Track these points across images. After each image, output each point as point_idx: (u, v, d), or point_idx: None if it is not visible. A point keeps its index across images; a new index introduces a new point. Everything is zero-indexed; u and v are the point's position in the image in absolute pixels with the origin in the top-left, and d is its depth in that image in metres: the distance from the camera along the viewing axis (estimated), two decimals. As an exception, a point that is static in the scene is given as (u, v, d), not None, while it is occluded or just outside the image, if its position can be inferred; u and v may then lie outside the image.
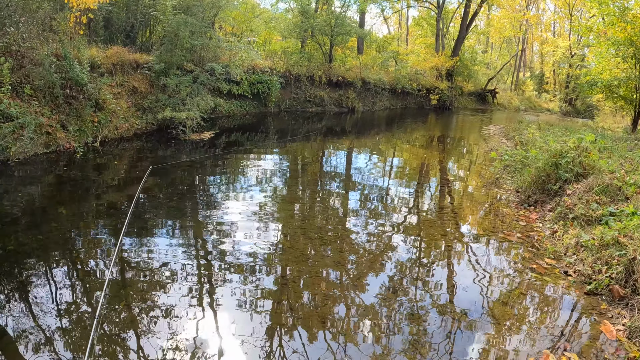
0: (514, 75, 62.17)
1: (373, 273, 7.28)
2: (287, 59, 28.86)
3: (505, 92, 51.94)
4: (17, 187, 10.30)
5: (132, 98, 17.20)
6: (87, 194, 10.32)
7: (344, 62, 33.25)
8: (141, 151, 14.69)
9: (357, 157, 17.11)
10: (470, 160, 17.87)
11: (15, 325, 5.30)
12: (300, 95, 28.41)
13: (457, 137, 24.24)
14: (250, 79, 23.70)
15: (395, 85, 35.42)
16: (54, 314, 5.58)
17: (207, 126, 18.62)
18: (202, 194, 11.14)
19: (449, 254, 8.27)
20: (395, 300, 6.44)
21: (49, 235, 7.83)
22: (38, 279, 6.41)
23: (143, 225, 8.61)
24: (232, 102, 23.30)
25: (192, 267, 7.07)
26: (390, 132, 24.02)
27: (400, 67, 38.84)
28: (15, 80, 12.87)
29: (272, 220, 9.45)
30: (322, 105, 29.44)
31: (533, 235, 9.06)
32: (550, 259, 7.97)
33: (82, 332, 5.25)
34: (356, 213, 10.38)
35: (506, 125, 26.91)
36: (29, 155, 12.18)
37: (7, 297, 5.90)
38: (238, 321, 5.74)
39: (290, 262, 7.46)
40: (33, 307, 5.70)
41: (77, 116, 13.98)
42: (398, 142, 21.39)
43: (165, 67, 18.41)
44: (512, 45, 68.62)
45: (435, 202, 11.73)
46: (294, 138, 19.54)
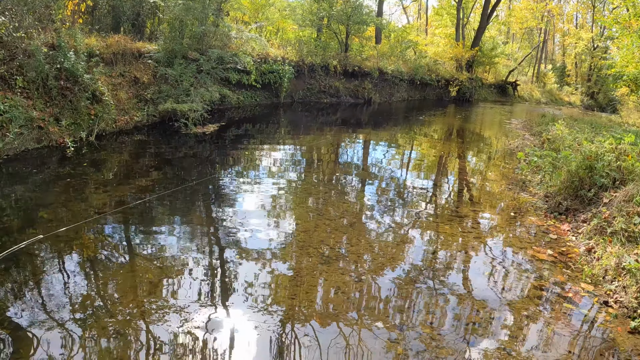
0: (535, 67, 60.91)
1: (385, 278, 6.73)
2: (301, 48, 27.76)
3: (526, 85, 50.79)
4: (5, 185, 9.60)
5: (133, 89, 16.26)
6: (78, 192, 9.51)
7: (361, 51, 32.11)
8: (141, 145, 13.84)
9: (373, 152, 16.22)
10: (491, 157, 16.69)
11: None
12: (315, 85, 27.31)
13: (477, 130, 23.03)
14: (262, 69, 22.62)
15: (414, 76, 34.28)
16: (51, 308, 5.45)
17: (215, 118, 17.82)
18: (210, 189, 10.43)
19: (468, 274, 7.09)
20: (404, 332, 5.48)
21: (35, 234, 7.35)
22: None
23: (151, 220, 8.38)
24: (241, 92, 22.24)
25: (204, 258, 7.02)
26: (408, 124, 22.89)
27: (419, 57, 37.89)
28: (7, 72, 12.06)
29: (286, 212, 9.30)
30: (337, 96, 28.33)
31: (565, 251, 7.83)
32: (587, 283, 6.73)
33: (84, 331, 5.12)
34: (372, 209, 9.77)
35: (528, 119, 25.89)
36: (19, 151, 11.41)
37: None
38: (251, 309, 5.69)
39: (304, 252, 7.36)
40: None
41: (72, 109, 13.09)
42: (416, 135, 20.33)
43: (168, 56, 17.57)
44: (534, 37, 67.38)
45: (455, 204, 10.66)
46: (307, 131, 18.72)
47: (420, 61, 36.73)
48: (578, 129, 17.40)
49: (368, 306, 6.02)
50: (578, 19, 64.72)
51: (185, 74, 17.16)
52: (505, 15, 59.96)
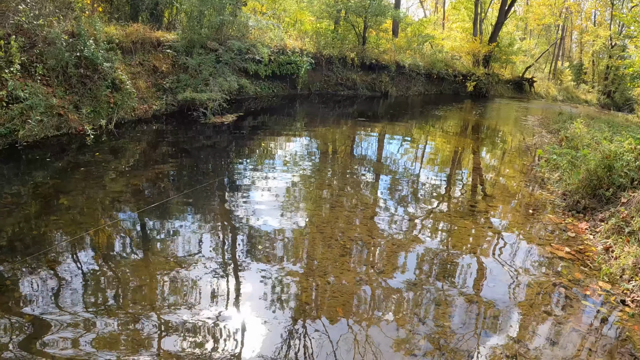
0: (552, 64, 60.34)
1: (398, 271, 6.68)
2: (318, 40, 27.60)
3: (543, 81, 50.31)
4: (25, 171, 9.67)
5: (152, 78, 16.24)
6: (95, 180, 9.52)
7: (378, 44, 31.94)
8: (159, 134, 13.84)
9: (388, 145, 16.04)
10: (508, 153, 16.40)
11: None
12: (332, 77, 27.17)
13: (493, 126, 22.68)
14: (279, 60, 22.48)
15: (431, 70, 34.05)
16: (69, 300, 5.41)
17: (232, 108, 17.73)
18: (224, 180, 10.37)
19: (484, 268, 7.05)
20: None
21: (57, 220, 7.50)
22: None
23: (168, 208, 8.35)
24: (259, 83, 22.11)
25: (217, 246, 7.04)
26: (424, 118, 22.66)
27: (435, 51, 37.70)
28: (27, 60, 12.01)
29: (300, 203, 9.27)
30: (354, 88, 28.17)
31: (583, 249, 7.73)
32: (605, 282, 6.67)
33: (104, 311, 5.23)
34: (385, 201, 9.75)
35: (545, 116, 25.63)
36: (39, 138, 11.41)
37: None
38: (261, 300, 5.71)
39: (317, 244, 7.33)
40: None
41: (91, 97, 13.08)
42: (432, 129, 20.12)
43: (187, 46, 17.51)
44: (551, 33, 66.73)
45: (470, 201, 10.37)
46: (324, 123, 18.62)
47: (437, 55, 36.50)
48: (596, 127, 17.22)
49: (381, 299, 6.01)
50: (596, 16, 64.05)
51: (204, 63, 17.11)
52: (523, 11, 59.35)
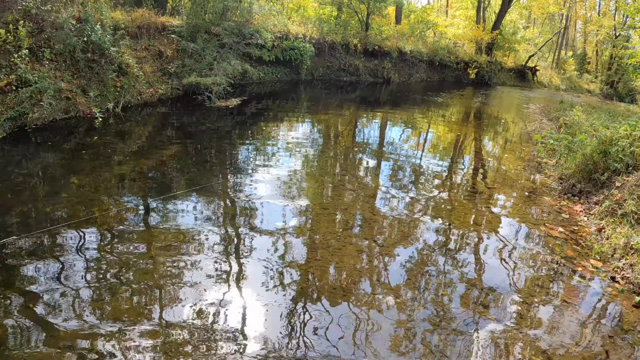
0: (555, 54, 60.05)
1: (397, 258, 6.68)
2: (321, 26, 27.64)
3: (546, 70, 50.08)
4: (35, 153, 9.88)
5: (158, 63, 16.40)
6: (105, 160, 9.79)
7: (381, 31, 31.99)
8: (165, 117, 14.06)
9: (390, 130, 16.20)
10: (508, 139, 16.54)
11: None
12: (335, 63, 27.22)
13: (495, 113, 22.70)
14: (283, 46, 22.56)
15: (433, 57, 34.02)
16: (78, 275, 5.59)
17: (236, 92, 17.88)
18: (229, 162, 10.64)
19: (481, 247, 7.32)
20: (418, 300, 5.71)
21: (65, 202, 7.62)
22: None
23: (171, 189, 8.45)
24: (262, 68, 22.23)
25: (219, 230, 7.04)
26: (426, 105, 22.68)
27: (438, 38, 37.74)
28: (35, 45, 12.21)
29: (301, 189, 9.23)
30: (357, 74, 28.27)
31: (577, 230, 8.00)
32: (596, 260, 6.95)
33: (110, 292, 5.32)
34: (385, 189, 9.64)
35: (546, 105, 25.71)
36: (48, 121, 11.58)
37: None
38: (264, 284, 5.75)
39: (319, 229, 7.33)
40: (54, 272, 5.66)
41: (98, 81, 13.25)
42: (434, 116, 20.20)
43: (191, 31, 17.64)
44: (555, 22, 66.40)
45: (471, 182, 10.77)
46: (327, 107, 18.80)
47: (440, 42, 36.52)
48: (595, 116, 17.44)
49: (383, 275, 6.23)
50: (601, 6, 63.82)
51: (208, 48, 17.26)
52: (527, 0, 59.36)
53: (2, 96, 10.93)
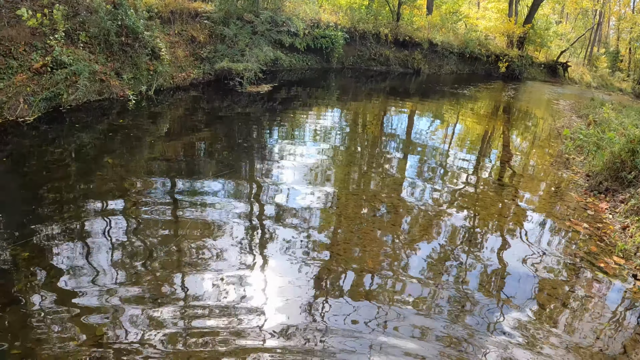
0: (587, 50, 58.97)
1: (423, 241, 6.84)
2: (353, 15, 27.33)
3: (578, 67, 49.18)
4: (69, 133, 10.00)
5: (190, 47, 16.39)
6: (138, 141, 9.99)
7: (412, 21, 31.70)
8: (197, 101, 14.10)
9: (418, 122, 15.99)
10: (537, 135, 16.28)
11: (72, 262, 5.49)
12: (365, 52, 27.00)
13: (525, 108, 22.25)
14: (314, 33, 22.41)
15: (464, 50, 33.58)
16: (108, 252, 5.73)
17: (267, 79, 17.81)
18: (259, 147, 10.65)
19: (506, 237, 7.35)
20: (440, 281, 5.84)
21: (102, 176, 7.90)
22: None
23: (198, 173, 8.50)
24: (293, 55, 22.08)
25: (245, 217, 7.02)
26: (456, 97, 22.34)
27: (469, 30, 37.36)
28: (71, 28, 12.25)
29: (328, 177, 9.21)
30: (387, 64, 28.00)
31: (601, 227, 7.91)
32: (619, 257, 6.88)
33: (135, 270, 5.45)
34: (412, 179, 9.69)
35: (577, 102, 25.36)
36: (82, 102, 11.65)
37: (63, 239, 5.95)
38: (287, 270, 5.78)
39: (343, 218, 7.31)
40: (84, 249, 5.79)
41: (132, 64, 13.32)
42: (463, 108, 19.90)
43: (224, 17, 17.59)
44: (588, 18, 65.33)
45: (498, 176, 10.64)
46: (356, 96, 18.69)
47: (471, 35, 36.07)
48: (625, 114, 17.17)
49: (406, 262, 6.26)
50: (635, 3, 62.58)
51: (240, 34, 17.20)
52: (561, -7, 58.50)
53: (37, 77, 10.99)
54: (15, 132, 9.61)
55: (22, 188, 7.30)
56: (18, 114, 10.26)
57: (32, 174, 7.82)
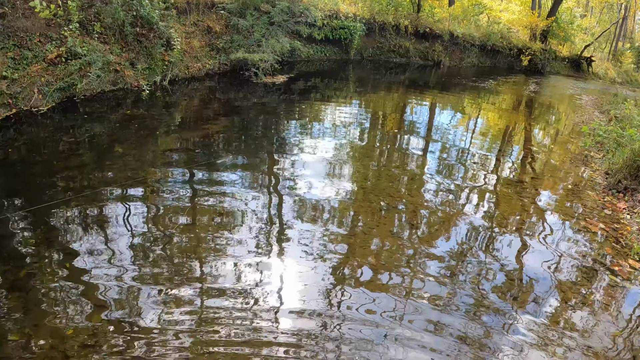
0: (612, 45, 57.94)
1: (439, 237, 6.80)
2: (372, 6, 26.87)
3: (602, 62, 48.21)
4: (82, 122, 10.10)
5: (206, 38, 16.25)
6: (151, 131, 10.08)
7: (433, 13, 31.32)
8: (212, 91, 14.04)
9: (438, 115, 15.69)
10: (558, 130, 15.86)
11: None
12: (385, 44, 26.54)
13: (547, 103, 21.73)
14: (332, 24, 22.04)
15: (486, 42, 33.07)
16: (126, 239, 5.85)
17: (285, 69, 17.67)
18: (274, 138, 10.63)
19: (521, 236, 7.17)
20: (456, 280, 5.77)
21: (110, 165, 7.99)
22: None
23: (216, 163, 8.56)
24: (311, 46, 21.86)
25: (263, 205, 7.15)
26: (477, 91, 21.82)
27: (492, 23, 36.91)
28: (85, 19, 12.23)
29: (345, 169, 9.22)
30: (407, 56, 27.50)
31: (618, 228, 7.60)
32: (635, 260, 6.59)
33: (151, 254, 5.62)
34: (432, 171, 9.66)
35: (600, 97, 24.93)
36: (96, 92, 11.67)
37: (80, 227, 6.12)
38: (304, 259, 5.86)
39: (360, 211, 7.32)
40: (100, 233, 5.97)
41: (147, 55, 13.27)
42: (484, 102, 19.54)
43: (241, 8, 17.40)
44: (613, 12, 64.37)
45: (516, 172, 10.40)
46: (375, 88, 18.46)
47: (493, 27, 35.68)
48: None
49: (422, 259, 6.20)
50: (662, -3, 61.67)
51: (257, 25, 17.01)
52: (586, -13, 57.67)
53: (52, 68, 11.01)
54: (29, 121, 9.74)
55: (37, 176, 7.40)
56: (32, 103, 10.33)
57: (46, 162, 7.99)
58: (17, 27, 10.91)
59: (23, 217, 6.14)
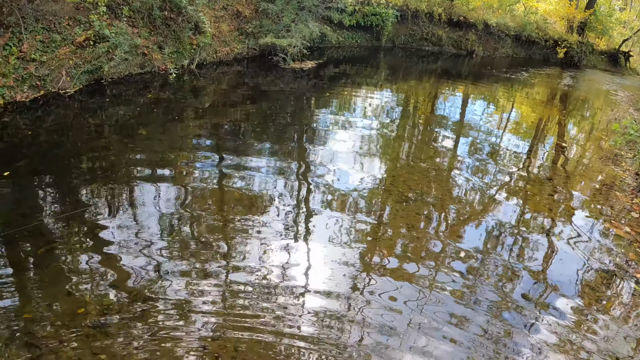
0: (651, 39, 57.23)
1: (465, 232, 6.77)
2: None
3: (640, 57, 47.80)
4: (109, 104, 10.19)
5: (235, 22, 16.08)
6: (178, 114, 10.14)
7: (467, 1, 30.88)
8: (240, 75, 13.93)
9: (470, 106, 15.32)
10: (591, 126, 15.27)
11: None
12: (417, 32, 26.06)
13: (581, 97, 21.01)
14: (364, 10, 21.64)
15: (521, 32, 32.28)
16: (151, 219, 6.00)
17: (314, 55, 17.44)
18: (301, 123, 10.61)
19: (545, 234, 7.04)
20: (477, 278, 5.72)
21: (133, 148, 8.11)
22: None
23: (243, 148, 8.63)
24: (342, 32, 21.51)
25: (290, 190, 7.25)
26: (510, 82, 21.29)
27: (527, 13, 36.29)
28: (114, 2, 12.16)
29: (374, 157, 9.22)
30: (439, 45, 26.96)
31: None
32: None
33: (179, 236, 5.75)
34: (461, 164, 9.52)
35: (636, 94, 24.32)
36: (123, 75, 11.68)
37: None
38: (332, 244, 5.98)
39: (389, 200, 7.36)
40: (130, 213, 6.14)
41: (174, 38, 13.16)
42: (516, 94, 18.96)
43: (271, -8, 17.20)
44: (655, 4, 63.11)
45: (545, 169, 10.07)
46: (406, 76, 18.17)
47: (529, 17, 35.09)
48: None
49: (449, 249, 6.20)
50: None
51: (286, 10, 16.78)
52: (626, -22, 56.34)
53: (80, 50, 11.00)
54: (57, 103, 9.83)
55: (62, 156, 7.56)
56: (60, 86, 10.36)
57: (72, 143, 8.14)
58: (46, 11, 10.87)
59: (50, 196, 6.31)
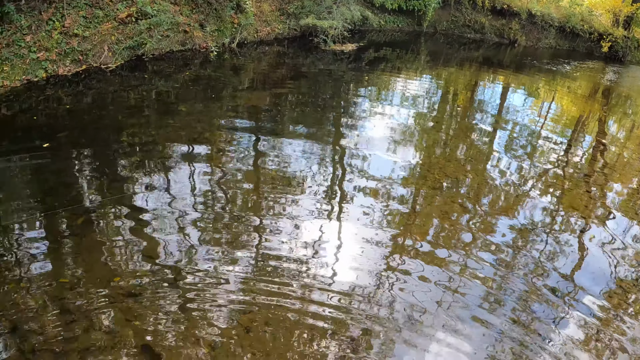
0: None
1: (498, 223, 6.72)
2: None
3: (688, 55, 46.46)
4: (149, 80, 10.35)
5: (277, 2, 15.99)
6: (217, 92, 10.24)
7: (512, -12, 30.41)
8: (279, 56, 13.90)
9: (510, 96, 14.94)
10: (632, 124, 14.66)
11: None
12: (459, 18, 25.60)
13: (624, 94, 20.21)
14: (407, -5, 21.58)
15: (565, 24, 31.68)
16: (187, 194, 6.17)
17: (355, 38, 17.21)
18: (340, 106, 10.64)
19: (579, 231, 6.94)
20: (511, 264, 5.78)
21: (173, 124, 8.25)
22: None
23: (281, 128, 8.72)
24: (384, 16, 21.15)
25: (325, 173, 7.29)
26: (552, 73, 20.59)
27: (573, 3, 35.61)
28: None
29: (410, 144, 9.14)
30: (482, 32, 26.51)
31: None
32: None
33: (213, 213, 5.87)
34: (498, 155, 9.45)
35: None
36: (164, 51, 11.77)
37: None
38: (365, 225, 6.04)
39: (423, 187, 7.38)
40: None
41: (216, 17, 13.18)
42: (558, 87, 18.34)
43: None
44: None
45: (583, 165, 9.76)
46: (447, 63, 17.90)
47: (575, 9, 34.45)
48: None
49: (479, 240, 6.16)
50: None
51: (329, -10, 16.92)
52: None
53: (122, 27, 11.13)
54: (98, 77, 10.01)
55: (102, 129, 7.75)
56: (102, 61, 10.51)
57: (112, 117, 8.30)
58: (90, -13, 10.99)
59: (88, 166, 6.52)
